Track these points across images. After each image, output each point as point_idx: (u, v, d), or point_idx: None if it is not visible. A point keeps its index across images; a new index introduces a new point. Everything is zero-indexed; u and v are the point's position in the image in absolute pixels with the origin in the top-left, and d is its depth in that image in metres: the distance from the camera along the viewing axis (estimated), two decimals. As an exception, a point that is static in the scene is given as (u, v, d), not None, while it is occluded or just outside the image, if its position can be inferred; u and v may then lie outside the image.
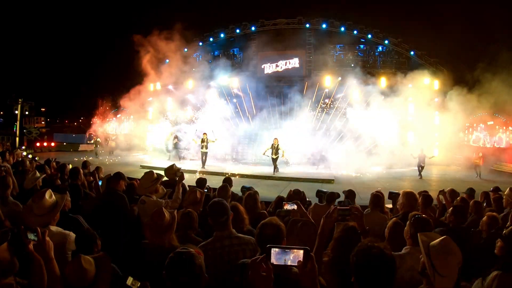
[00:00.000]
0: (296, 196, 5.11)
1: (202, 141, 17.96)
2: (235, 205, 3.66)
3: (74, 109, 34.04)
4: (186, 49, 27.68)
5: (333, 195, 5.44)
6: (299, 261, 1.68)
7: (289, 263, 1.70)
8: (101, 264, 2.37)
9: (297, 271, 1.74)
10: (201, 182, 6.29)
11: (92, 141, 21.98)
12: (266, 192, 10.76)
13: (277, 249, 1.71)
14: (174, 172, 6.32)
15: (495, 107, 19.49)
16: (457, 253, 2.14)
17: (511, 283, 2.47)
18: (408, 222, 3.03)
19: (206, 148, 18.00)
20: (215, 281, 2.50)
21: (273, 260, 1.69)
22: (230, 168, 17.92)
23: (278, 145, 16.72)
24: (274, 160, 16.80)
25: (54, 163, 8.31)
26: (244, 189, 6.17)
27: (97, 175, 6.24)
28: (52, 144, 30.09)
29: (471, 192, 6.89)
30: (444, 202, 6.27)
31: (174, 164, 6.66)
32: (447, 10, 20.49)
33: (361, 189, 11.64)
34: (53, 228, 3.21)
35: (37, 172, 5.84)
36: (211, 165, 18.64)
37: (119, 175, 5.12)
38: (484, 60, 18.32)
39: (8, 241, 2.26)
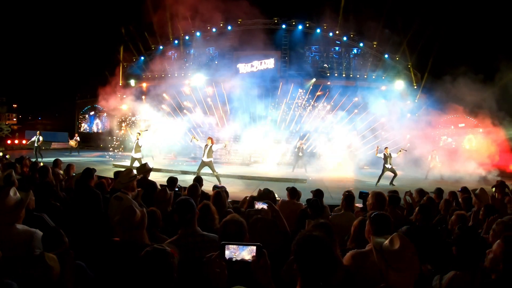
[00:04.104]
0: (266, 195, 5.13)
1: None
2: (207, 204, 3.67)
3: (48, 106, 33.06)
4: (161, 47, 27.46)
5: (295, 190, 5.72)
6: (253, 257, 1.71)
7: (243, 258, 1.73)
8: (64, 260, 2.34)
9: None
10: (172, 181, 6.26)
11: (33, 139, 19.46)
12: (238, 192, 10.82)
13: (231, 246, 1.74)
14: (146, 171, 6.37)
15: (467, 109, 20.04)
16: (411, 247, 2.17)
17: (463, 282, 2.59)
18: (367, 221, 3.03)
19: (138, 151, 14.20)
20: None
21: (227, 256, 1.73)
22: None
23: (211, 146, 12.67)
24: (208, 164, 12.64)
25: (27, 161, 8.13)
26: (216, 188, 6.17)
27: (63, 172, 6.16)
28: (24, 141, 29.18)
29: (439, 192, 7.08)
30: (411, 202, 6.46)
31: (147, 163, 6.71)
32: (421, 17, 20.90)
33: (333, 189, 11.82)
34: (19, 226, 3.15)
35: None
36: (185, 163, 18.48)
37: (89, 171, 5.10)
38: (457, 64, 18.78)
39: None
